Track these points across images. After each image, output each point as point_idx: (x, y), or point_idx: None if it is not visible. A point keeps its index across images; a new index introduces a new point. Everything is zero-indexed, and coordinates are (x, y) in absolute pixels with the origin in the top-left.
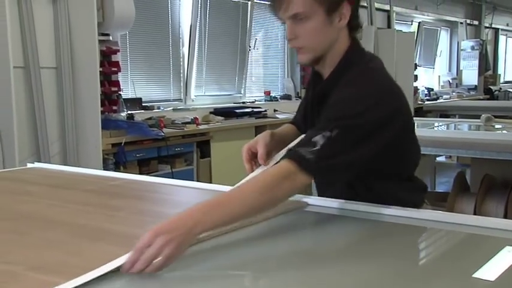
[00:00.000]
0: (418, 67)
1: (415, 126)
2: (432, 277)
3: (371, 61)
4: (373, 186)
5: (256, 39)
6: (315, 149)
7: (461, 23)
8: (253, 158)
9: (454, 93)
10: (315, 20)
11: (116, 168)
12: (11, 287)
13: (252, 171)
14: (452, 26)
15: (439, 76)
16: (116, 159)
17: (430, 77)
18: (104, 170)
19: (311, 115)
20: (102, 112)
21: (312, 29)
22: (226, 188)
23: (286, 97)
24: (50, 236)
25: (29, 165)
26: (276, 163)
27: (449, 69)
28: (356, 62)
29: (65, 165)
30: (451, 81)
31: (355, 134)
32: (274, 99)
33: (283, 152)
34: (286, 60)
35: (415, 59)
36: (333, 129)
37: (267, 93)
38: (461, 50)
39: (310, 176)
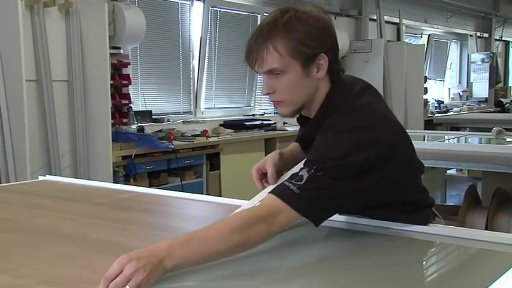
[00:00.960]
0: (427, 80)
1: (425, 139)
2: None
3: (359, 97)
4: (374, 216)
5: None
6: (299, 182)
7: (471, 35)
8: (263, 177)
9: (464, 106)
10: (291, 74)
11: (126, 181)
12: None
13: (264, 188)
14: (462, 38)
15: (449, 89)
16: (126, 172)
17: (440, 90)
18: (114, 182)
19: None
20: (113, 125)
21: (289, 83)
22: (235, 202)
23: None
24: (62, 250)
25: (41, 177)
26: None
27: (460, 82)
28: (337, 106)
29: (75, 177)
30: (461, 94)
31: (338, 174)
32: None
33: (291, 171)
34: None
35: (425, 71)
36: (318, 169)
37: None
38: (472, 62)
39: (292, 207)
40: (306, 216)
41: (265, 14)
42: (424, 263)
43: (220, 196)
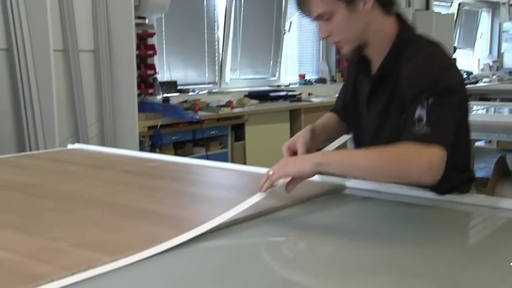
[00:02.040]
0: (457, 50)
1: None
2: (471, 263)
3: (426, 38)
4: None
5: (291, 22)
6: (424, 122)
7: (504, 3)
8: (293, 155)
9: (494, 77)
10: (338, 14)
11: (152, 151)
12: (57, 262)
13: None
14: (494, 6)
15: (479, 59)
16: (152, 142)
17: (469, 60)
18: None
19: (359, 104)
20: (139, 95)
21: (339, 23)
22: (260, 170)
23: (321, 80)
24: (92, 215)
25: (70, 146)
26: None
27: (490, 52)
28: (412, 39)
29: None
30: (491, 64)
31: (446, 97)
32: (309, 82)
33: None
34: (321, 43)
35: (454, 41)
36: (428, 99)
37: (302, 76)
38: (503, 31)
39: (437, 147)
40: (443, 145)
41: None
42: (455, 232)
43: None
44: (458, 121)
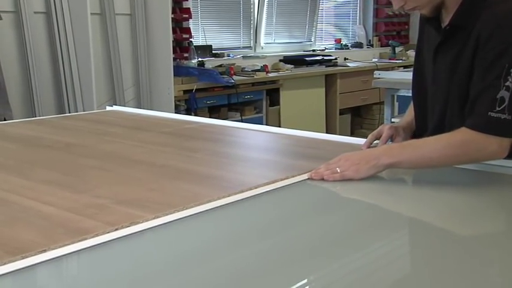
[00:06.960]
0: None
1: None
2: None
3: None
4: None
5: None
6: (505, 105)
7: None
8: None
9: None
10: None
11: (187, 115)
12: (101, 217)
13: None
14: None
15: None
16: (187, 106)
17: None
18: None
19: (425, 61)
20: (174, 59)
21: None
22: (298, 132)
23: (358, 45)
24: (133, 174)
25: (108, 108)
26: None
27: None
28: None
29: None
30: None
31: None
32: (345, 47)
33: None
34: (358, 7)
35: None
36: (509, 73)
37: (338, 41)
38: None
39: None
40: None
41: None
42: None
43: None
44: None
